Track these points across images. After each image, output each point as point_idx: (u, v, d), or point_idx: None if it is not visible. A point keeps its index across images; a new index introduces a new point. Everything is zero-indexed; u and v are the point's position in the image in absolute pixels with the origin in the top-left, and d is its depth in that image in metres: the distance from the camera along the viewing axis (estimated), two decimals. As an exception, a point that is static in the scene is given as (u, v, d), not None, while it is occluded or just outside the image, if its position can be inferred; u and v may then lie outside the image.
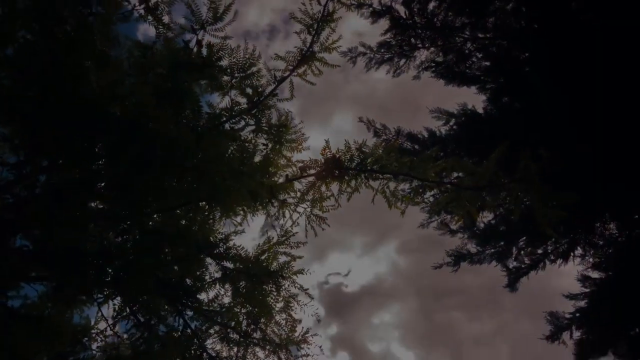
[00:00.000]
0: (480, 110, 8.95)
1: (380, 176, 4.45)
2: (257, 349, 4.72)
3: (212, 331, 4.74)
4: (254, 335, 4.71)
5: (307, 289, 4.58)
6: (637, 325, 8.67)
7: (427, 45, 9.25)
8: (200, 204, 4.45)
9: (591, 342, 9.37)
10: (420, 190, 4.62)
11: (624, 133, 6.92)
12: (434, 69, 9.32)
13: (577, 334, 9.55)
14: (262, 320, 4.67)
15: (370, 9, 9.02)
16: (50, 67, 3.36)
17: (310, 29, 4.54)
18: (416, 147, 9.21)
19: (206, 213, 4.55)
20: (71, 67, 3.41)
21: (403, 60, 9.61)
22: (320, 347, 4.69)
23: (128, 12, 4.39)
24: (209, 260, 4.58)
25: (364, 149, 4.48)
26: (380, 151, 4.52)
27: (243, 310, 4.73)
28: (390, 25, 9.14)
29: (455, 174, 4.65)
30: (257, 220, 4.96)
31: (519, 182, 4.06)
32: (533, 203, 4.10)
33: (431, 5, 8.80)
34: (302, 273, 4.58)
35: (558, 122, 7.39)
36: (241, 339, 4.67)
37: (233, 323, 4.70)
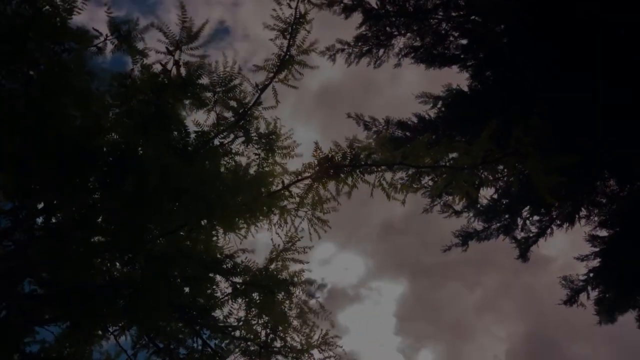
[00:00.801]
0: (466, 89, 8.94)
1: (375, 169, 4.44)
2: (280, 357, 4.72)
3: (232, 346, 4.74)
4: (274, 344, 4.71)
5: (318, 297, 4.61)
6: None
7: (403, 31, 9.22)
8: (202, 222, 4.44)
9: (610, 300, 9.39)
10: (417, 176, 4.61)
11: (611, 87, 6.92)
12: (413, 54, 9.30)
13: (593, 294, 9.58)
14: (280, 328, 4.67)
15: (342, 4, 9.00)
16: (30, 110, 3.34)
17: (285, 33, 4.53)
18: (407, 134, 9.20)
19: (208, 231, 4.54)
20: (50, 106, 3.39)
21: (382, 51, 9.58)
22: (342, 347, 4.69)
23: (102, 42, 4.39)
24: (218, 277, 4.58)
25: (355, 145, 4.47)
26: (373, 144, 4.52)
27: (260, 322, 4.73)
28: (363, 17, 9.12)
29: (450, 155, 4.64)
30: (262, 230, 4.96)
31: (512, 155, 4.07)
32: (530, 172, 4.10)
33: (401, -9, 8.79)
34: (311, 279, 4.62)
35: (542, 86, 7.38)
36: (262, 350, 4.67)
37: (252, 335, 4.70)
